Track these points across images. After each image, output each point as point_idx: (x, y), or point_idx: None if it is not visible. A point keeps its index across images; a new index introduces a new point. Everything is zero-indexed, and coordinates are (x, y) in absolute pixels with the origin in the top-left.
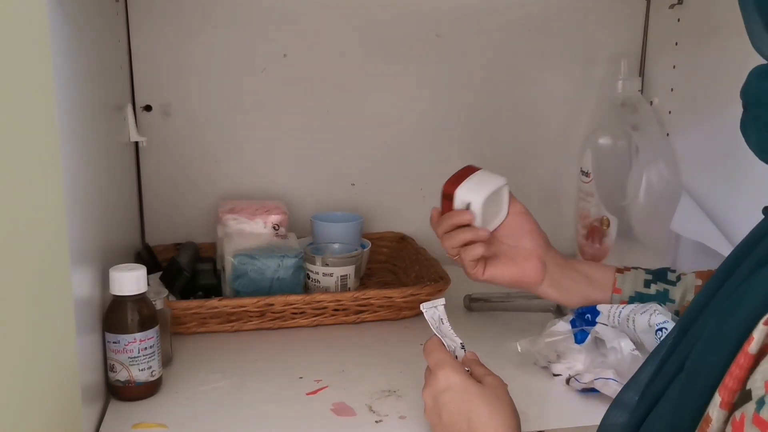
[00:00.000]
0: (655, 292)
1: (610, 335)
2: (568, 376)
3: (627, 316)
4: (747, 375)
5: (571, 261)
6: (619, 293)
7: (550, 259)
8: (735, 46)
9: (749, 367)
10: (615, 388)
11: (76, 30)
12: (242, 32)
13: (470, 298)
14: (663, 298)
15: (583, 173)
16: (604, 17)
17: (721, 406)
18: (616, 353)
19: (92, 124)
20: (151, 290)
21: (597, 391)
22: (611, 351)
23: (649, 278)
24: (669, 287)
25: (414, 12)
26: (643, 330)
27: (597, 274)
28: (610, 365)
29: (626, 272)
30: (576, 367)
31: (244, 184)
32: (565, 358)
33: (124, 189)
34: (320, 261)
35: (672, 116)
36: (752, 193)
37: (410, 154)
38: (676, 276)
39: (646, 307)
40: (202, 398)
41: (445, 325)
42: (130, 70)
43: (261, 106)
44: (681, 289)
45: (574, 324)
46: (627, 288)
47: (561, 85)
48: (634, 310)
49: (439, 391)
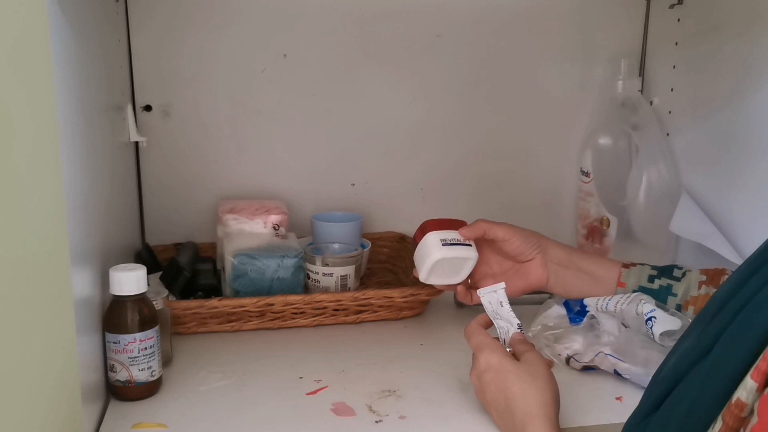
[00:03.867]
0: (658, 287)
1: (603, 318)
2: (567, 356)
3: (614, 308)
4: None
5: (576, 257)
6: (623, 287)
7: (552, 258)
8: (735, 46)
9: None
10: (613, 362)
11: (76, 30)
12: (242, 32)
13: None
14: (665, 293)
15: (583, 173)
16: (604, 17)
17: (757, 390)
18: (608, 336)
19: (92, 124)
20: (151, 290)
21: (596, 369)
22: (604, 333)
23: (654, 273)
24: (673, 282)
25: (414, 12)
26: (632, 318)
27: (601, 271)
28: (606, 343)
29: (632, 267)
30: (574, 347)
31: (244, 184)
32: (562, 339)
33: (124, 189)
34: (320, 261)
35: (672, 116)
36: (752, 193)
37: (410, 154)
38: (681, 272)
39: (631, 297)
40: (202, 398)
41: (504, 308)
42: (130, 70)
43: (261, 106)
44: (684, 285)
45: (568, 307)
46: (631, 282)
47: (561, 85)
48: (620, 301)
49: (481, 371)
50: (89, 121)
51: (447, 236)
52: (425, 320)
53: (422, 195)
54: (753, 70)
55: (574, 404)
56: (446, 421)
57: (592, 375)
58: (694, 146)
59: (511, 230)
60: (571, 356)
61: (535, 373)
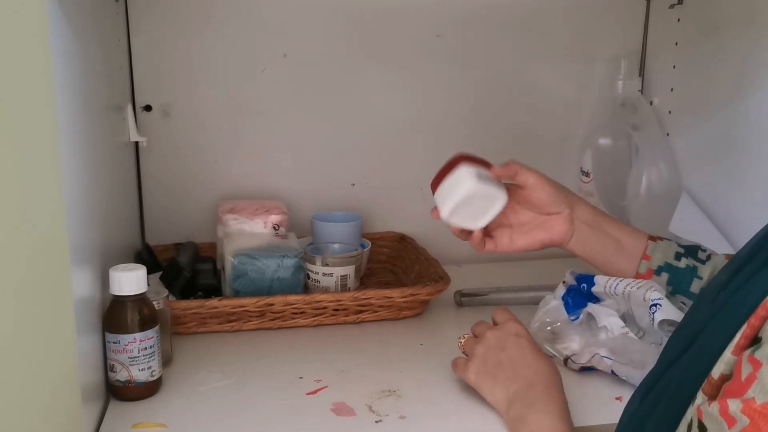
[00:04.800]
0: (685, 266)
1: (601, 314)
2: (564, 356)
3: (623, 290)
4: (762, 324)
5: (604, 220)
6: (648, 260)
7: (578, 216)
8: (735, 46)
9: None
10: (609, 364)
11: (76, 30)
12: (242, 32)
13: (461, 293)
14: (692, 274)
15: (583, 173)
16: (604, 17)
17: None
18: (606, 332)
19: (92, 124)
20: (151, 290)
21: (594, 369)
22: (602, 330)
23: (680, 251)
24: (698, 264)
25: (414, 12)
26: (638, 303)
27: (628, 239)
28: (602, 344)
29: (659, 241)
30: (572, 347)
31: (244, 184)
32: (561, 338)
33: (124, 189)
34: (320, 261)
35: (672, 116)
36: (752, 193)
37: (410, 154)
38: (706, 255)
39: (641, 282)
40: (202, 398)
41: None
42: (130, 70)
43: (261, 106)
44: (710, 268)
45: (566, 299)
46: (657, 257)
47: (561, 85)
48: (631, 284)
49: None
50: (89, 121)
51: (481, 171)
52: (425, 320)
53: (422, 195)
54: (753, 70)
55: (573, 404)
56: (446, 421)
57: (591, 375)
58: (694, 146)
59: (543, 178)
60: (569, 357)
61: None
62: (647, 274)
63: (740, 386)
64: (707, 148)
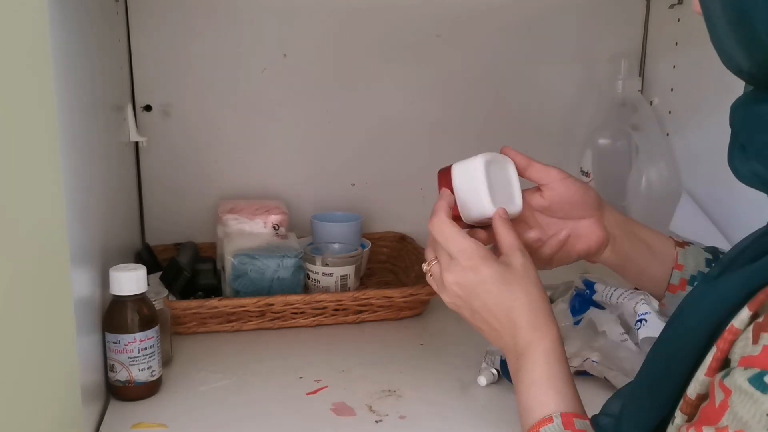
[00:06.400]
0: None
1: (602, 319)
2: None
3: (617, 300)
4: (730, 347)
5: (632, 223)
6: (681, 270)
7: (609, 220)
8: None
9: (733, 340)
10: (598, 369)
11: (76, 30)
12: (242, 32)
13: None
14: None
15: (583, 173)
16: (604, 17)
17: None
18: (605, 338)
19: (92, 124)
20: (151, 290)
21: (588, 374)
22: (601, 335)
23: (709, 257)
24: None
25: (414, 12)
26: (629, 315)
27: (658, 244)
28: (595, 349)
29: (687, 247)
30: (569, 350)
31: (244, 184)
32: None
33: (124, 189)
34: (320, 261)
35: (672, 116)
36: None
37: (410, 154)
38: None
39: (633, 293)
40: (202, 398)
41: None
42: (130, 70)
43: (261, 107)
44: None
45: (573, 303)
46: (690, 265)
47: (561, 85)
48: (623, 294)
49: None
50: (89, 121)
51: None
52: (425, 320)
53: (422, 195)
54: None
55: None
56: (446, 421)
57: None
58: (694, 146)
59: (564, 172)
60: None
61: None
62: (680, 285)
63: (714, 412)
64: (707, 148)
